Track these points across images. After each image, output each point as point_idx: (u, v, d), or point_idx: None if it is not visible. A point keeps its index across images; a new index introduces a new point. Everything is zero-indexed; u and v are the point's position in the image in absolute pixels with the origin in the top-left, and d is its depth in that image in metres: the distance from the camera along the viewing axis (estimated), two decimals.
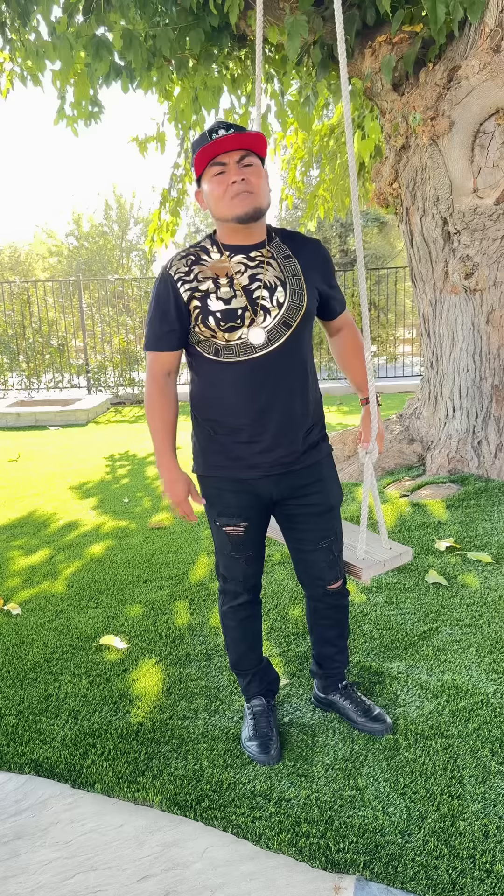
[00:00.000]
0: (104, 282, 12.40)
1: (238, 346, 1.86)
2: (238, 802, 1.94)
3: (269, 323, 1.86)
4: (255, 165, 1.83)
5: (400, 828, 1.82)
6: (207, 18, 4.86)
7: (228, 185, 1.79)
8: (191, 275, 1.88)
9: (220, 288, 1.86)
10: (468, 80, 3.88)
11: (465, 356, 4.44)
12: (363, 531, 2.19)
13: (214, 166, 1.81)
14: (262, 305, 1.86)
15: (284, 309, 1.87)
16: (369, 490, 2.18)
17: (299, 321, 1.90)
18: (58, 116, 5.62)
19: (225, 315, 1.84)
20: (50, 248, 27.68)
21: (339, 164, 7.57)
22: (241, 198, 1.79)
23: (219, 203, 1.82)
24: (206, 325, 1.85)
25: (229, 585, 2.15)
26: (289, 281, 1.89)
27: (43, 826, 1.92)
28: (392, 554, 2.18)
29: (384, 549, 2.22)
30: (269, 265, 1.89)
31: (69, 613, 3.15)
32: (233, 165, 1.80)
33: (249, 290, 1.86)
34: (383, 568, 2.16)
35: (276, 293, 1.87)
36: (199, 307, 1.86)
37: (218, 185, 1.81)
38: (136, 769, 2.10)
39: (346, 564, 2.16)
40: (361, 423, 2.18)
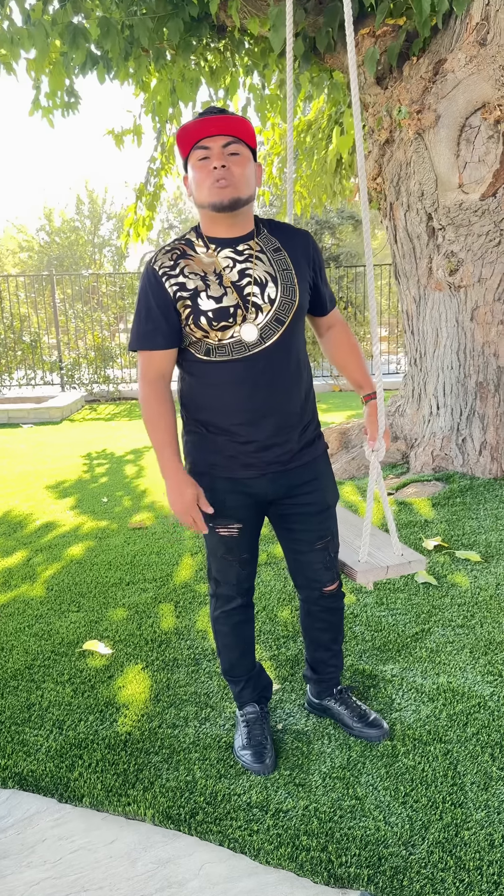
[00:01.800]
0: (78, 277, 12.22)
1: (231, 345, 1.78)
2: (234, 815, 1.87)
3: (261, 320, 1.79)
4: (243, 155, 1.75)
5: (403, 839, 1.76)
6: (187, 8, 4.76)
7: (210, 170, 1.72)
8: (176, 269, 1.79)
9: (210, 286, 1.77)
10: (454, 74, 3.84)
11: (449, 353, 4.41)
12: (367, 531, 2.11)
13: (198, 150, 1.73)
14: (254, 302, 1.78)
15: (276, 305, 1.80)
16: (373, 489, 2.10)
17: (292, 317, 1.83)
18: (33, 107, 5.47)
19: (217, 314, 1.76)
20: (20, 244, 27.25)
21: (315, 160, 7.51)
22: (219, 185, 1.71)
23: (200, 188, 1.75)
24: (198, 326, 1.77)
25: (222, 589, 2.07)
26: (279, 276, 1.82)
27: (29, 844, 1.82)
28: (402, 560, 2.08)
29: (395, 554, 2.12)
30: (258, 259, 1.81)
31: (49, 618, 3.05)
32: (217, 151, 1.72)
33: (240, 286, 1.78)
34: (387, 574, 2.07)
35: (268, 289, 1.80)
36: (190, 307, 1.77)
37: (200, 170, 1.73)
38: (126, 781, 2.01)
39: (343, 565, 2.09)
40: (367, 421, 2.11)
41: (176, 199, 27.10)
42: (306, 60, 4.80)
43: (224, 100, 6.05)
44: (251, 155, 1.78)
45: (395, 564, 2.06)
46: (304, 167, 7.78)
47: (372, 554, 2.12)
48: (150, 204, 7.11)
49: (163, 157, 7.11)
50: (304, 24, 4.55)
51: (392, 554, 2.12)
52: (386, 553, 2.13)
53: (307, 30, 4.63)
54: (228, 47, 5.51)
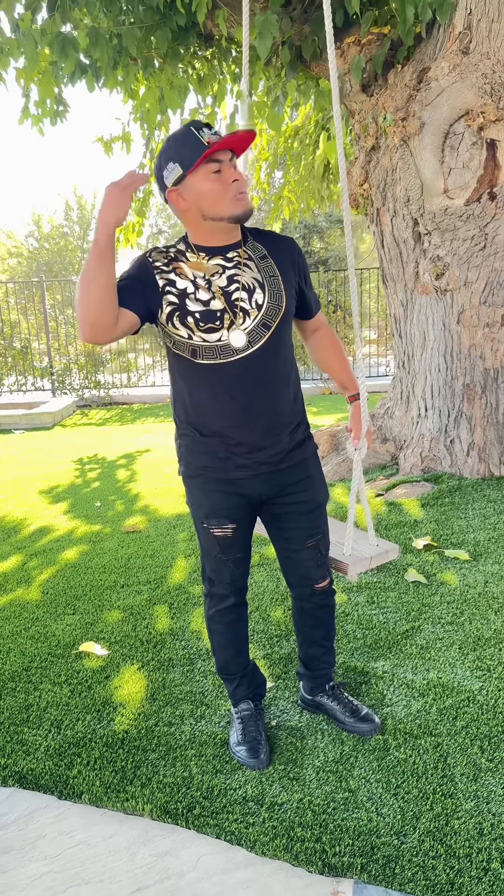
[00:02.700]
0: (68, 283, 12.25)
1: (218, 348, 1.83)
2: (230, 808, 1.91)
3: (248, 325, 1.84)
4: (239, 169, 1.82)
5: (395, 829, 1.81)
6: (174, 17, 4.82)
7: (229, 183, 1.76)
8: (169, 267, 1.84)
9: (199, 290, 1.82)
10: (438, 82, 3.91)
11: (436, 356, 4.48)
12: (350, 528, 2.19)
13: (211, 163, 1.75)
14: (241, 307, 1.84)
15: (264, 310, 1.85)
16: (357, 487, 2.18)
17: (279, 322, 1.88)
18: (22, 116, 5.52)
19: (203, 316, 1.81)
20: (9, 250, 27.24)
21: (303, 165, 7.59)
22: (240, 197, 1.78)
23: (216, 201, 1.76)
24: (184, 324, 1.81)
25: (216, 588, 2.12)
26: (266, 282, 1.87)
27: (30, 840, 1.87)
28: (379, 551, 2.19)
29: (371, 545, 2.22)
30: (246, 266, 1.86)
31: (46, 621, 3.09)
32: (227, 164, 1.78)
33: (228, 292, 1.83)
34: (370, 564, 2.16)
35: (255, 295, 1.85)
36: (176, 305, 1.81)
37: (216, 182, 1.75)
38: (124, 778, 2.05)
39: (332, 561, 2.16)
40: (351, 420, 2.17)
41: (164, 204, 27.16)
42: (293, 68, 4.86)
43: (212, 106, 6.11)
44: None
45: (375, 555, 2.17)
46: (293, 172, 7.85)
47: (353, 548, 2.21)
48: (139, 210, 7.16)
49: (152, 163, 7.16)
50: (291, 32, 4.62)
51: (369, 546, 2.22)
52: (364, 546, 2.23)
53: (293, 38, 4.70)
54: (216, 55, 5.58)
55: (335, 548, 2.22)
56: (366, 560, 2.16)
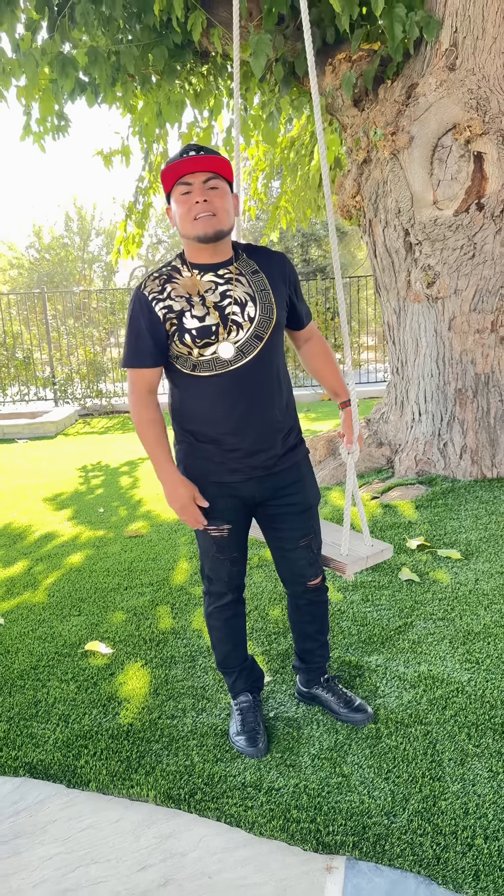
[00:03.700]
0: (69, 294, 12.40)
1: (213, 361, 1.95)
2: (230, 794, 2.02)
3: (241, 337, 1.96)
4: (221, 189, 1.92)
5: (385, 810, 1.92)
6: (171, 35, 4.97)
7: (192, 204, 1.89)
8: (164, 293, 1.96)
9: (194, 307, 1.95)
10: (426, 97, 4.05)
11: (429, 362, 4.60)
12: (346, 529, 2.29)
13: (181, 185, 1.90)
14: (234, 321, 1.95)
15: (256, 322, 1.97)
16: (351, 489, 2.28)
17: (270, 333, 2.00)
18: (24, 133, 5.66)
19: (200, 332, 1.93)
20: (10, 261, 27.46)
21: (300, 175, 7.73)
22: (203, 219, 1.89)
23: (183, 222, 1.92)
24: (183, 343, 1.94)
25: (214, 586, 2.23)
26: (258, 296, 1.99)
27: (41, 825, 1.97)
28: (374, 550, 2.29)
29: (366, 546, 2.33)
30: (238, 282, 1.98)
31: (52, 622, 3.20)
32: (198, 186, 1.89)
33: (221, 306, 1.95)
34: (366, 564, 2.27)
35: (247, 308, 1.97)
36: (176, 325, 1.94)
37: (183, 204, 1.91)
38: (129, 767, 2.16)
39: (330, 561, 2.26)
40: (343, 426, 2.28)
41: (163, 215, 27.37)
42: (286, 84, 5.00)
43: (209, 120, 6.26)
44: (229, 188, 1.96)
45: (370, 554, 2.27)
46: (289, 182, 7.99)
47: (350, 549, 2.31)
48: (139, 222, 7.30)
49: (150, 175, 7.31)
50: (284, 49, 4.76)
51: (364, 546, 2.32)
52: (359, 546, 2.33)
53: (287, 55, 4.84)
54: (211, 71, 5.73)
55: (333, 549, 2.32)
56: (362, 560, 2.26)
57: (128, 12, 4.92)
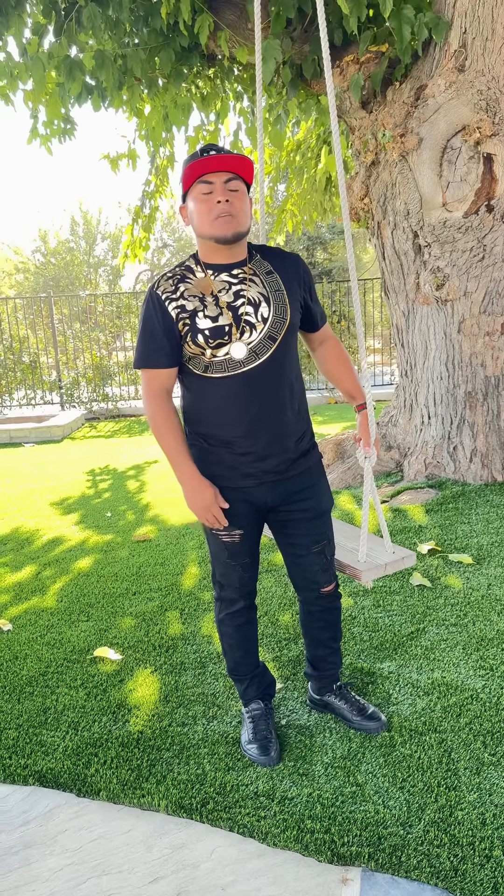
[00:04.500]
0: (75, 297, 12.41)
1: (226, 362, 1.92)
2: (242, 803, 1.99)
3: (254, 338, 1.93)
4: (241, 191, 1.90)
5: (401, 820, 1.89)
6: (177, 39, 4.96)
7: (213, 204, 1.87)
8: (177, 293, 1.94)
9: (207, 307, 1.92)
10: (435, 99, 4.02)
11: (438, 364, 4.57)
12: (364, 534, 2.26)
13: (201, 184, 1.87)
14: (248, 321, 1.93)
15: (269, 323, 1.94)
16: (369, 494, 2.25)
17: (284, 334, 1.97)
18: (31, 136, 5.66)
19: (213, 332, 1.91)
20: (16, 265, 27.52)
21: (306, 178, 7.71)
22: (223, 220, 1.86)
23: (202, 221, 1.89)
24: (196, 343, 1.91)
25: (226, 592, 2.21)
26: (272, 296, 1.97)
27: (51, 835, 1.95)
28: (395, 557, 2.25)
29: (387, 552, 2.28)
30: (251, 282, 1.96)
31: (60, 628, 3.18)
32: (219, 186, 1.86)
33: (234, 307, 1.93)
34: (385, 571, 2.22)
35: (261, 309, 1.95)
36: (188, 325, 1.92)
37: (203, 203, 1.88)
38: (140, 776, 2.13)
39: (347, 567, 2.23)
40: (359, 429, 2.25)
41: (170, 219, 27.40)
42: (294, 87, 4.99)
43: (215, 124, 6.25)
44: (247, 190, 1.94)
45: (391, 561, 2.22)
46: (295, 185, 7.98)
47: (368, 555, 2.27)
48: (146, 226, 7.29)
49: (157, 179, 7.30)
50: (291, 52, 4.75)
51: (385, 552, 2.28)
52: (380, 552, 2.28)
53: (294, 57, 4.83)
54: (218, 75, 5.72)
55: (350, 554, 2.29)
56: (381, 566, 2.21)
57: (134, 16, 4.91)
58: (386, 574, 2.28)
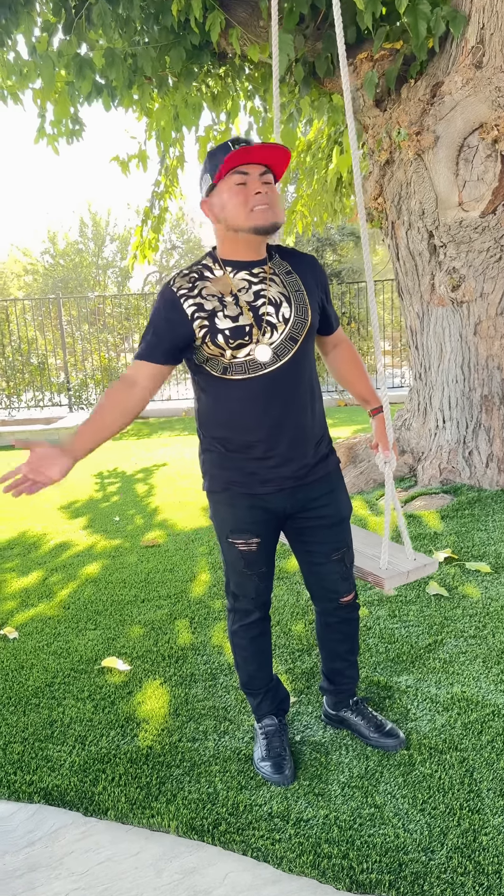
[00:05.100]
0: (84, 299, 12.37)
1: (246, 364, 1.85)
2: (256, 825, 1.91)
3: (276, 339, 1.86)
4: (272, 184, 1.83)
5: (422, 845, 1.80)
6: (188, 37, 4.89)
7: (251, 195, 1.79)
8: (194, 290, 1.86)
9: (227, 307, 1.84)
10: (451, 96, 3.94)
11: (453, 367, 4.47)
12: (386, 540, 2.19)
13: (236, 175, 1.79)
14: (269, 321, 1.85)
15: (290, 324, 1.87)
16: (391, 500, 2.17)
17: (305, 335, 1.90)
18: (38, 135, 5.61)
19: (233, 332, 1.83)
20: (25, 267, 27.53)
21: (316, 179, 7.63)
22: (262, 210, 1.79)
23: (238, 212, 1.80)
24: (216, 344, 1.83)
25: (240, 603, 2.13)
26: (292, 296, 1.89)
27: (57, 857, 1.87)
28: (417, 564, 2.18)
29: (409, 559, 2.21)
30: (272, 281, 1.89)
31: (68, 636, 3.10)
32: (255, 177, 1.79)
33: (255, 306, 1.85)
34: (407, 579, 2.15)
35: (282, 309, 1.87)
36: (207, 326, 1.84)
37: (238, 194, 1.79)
38: (149, 794, 2.05)
39: (368, 574, 2.15)
40: (376, 434, 2.18)
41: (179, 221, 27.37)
42: (306, 85, 4.91)
43: (226, 123, 6.18)
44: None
45: (413, 569, 2.14)
46: (305, 186, 7.90)
47: (389, 562, 2.20)
48: (155, 227, 7.22)
49: (166, 180, 7.24)
50: (304, 49, 4.67)
51: (406, 559, 2.20)
52: (400, 559, 2.21)
53: (306, 55, 4.75)
54: (229, 73, 5.64)
55: (370, 561, 2.21)
56: (403, 574, 2.14)
57: (145, 13, 4.85)
58: (408, 582, 2.20)
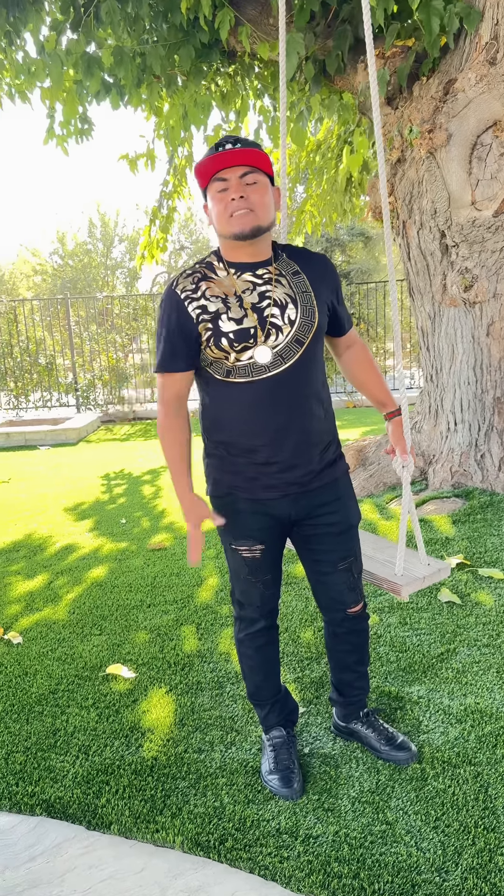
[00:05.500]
0: (92, 300, 12.34)
1: (250, 367, 1.79)
2: (263, 841, 1.85)
3: (280, 341, 1.80)
4: (260, 183, 1.77)
5: (436, 865, 1.74)
6: (197, 35, 4.84)
7: (228, 202, 1.74)
8: (198, 292, 1.81)
9: (231, 308, 1.79)
10: (465, 93, 3.87)
11: (465, 369, 4.40)
12: (401, 546, 2.13)
13: (217, 182, 1.76)
14: (273, 324, 1.80)
15: (296, 326, 1.81)
16: (407, 506, 2.12)
17: (311, 338, 1.84)
18: (47, 136, 5.56)
19: (237, 335, 1.78)
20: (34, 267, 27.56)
21: (325, 179, 7.56)
22: (239, 216, 1.74)
23: (220, 220, 1.78)
24: (220, 347, 1.78)
25: (246, 612, 2.07)
26: (299, 298, 1.84)
27: (59, 873, 1.82)
28: (431, 570, 2.12)
29: (423, 565, 2.15)
30: (278, 283, 1.83)
31: (72, 641, 3.05)
32: (235, 182, 1.74)
33: (260, 308, 1.80)
34: (423, 584, 2.10)
35: (287, 311, 1.81)
36: (211, 329, 1.78)
37: (219, 202, 1.77)
38: (154, 808, 2.00)
39: (384, 581, 2.09)
40: (392, 438, 2.11)
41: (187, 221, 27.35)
42: (316, 83, 4.85)
43: (235, 122, 6.12)
44: (269, 182, 1.80)
45: (428, 574, 2.09)
46: (314, 186, 7.84)
47: (405, 568, 2.14)
48: (164, 227, 7.18)
49: (175, 179, 7.19)
50: (315, 48, 4.61)
51: (420, 565, 2.15)
52: (414, 565, 2.16)
53: (317, 53, 4.69)
54: (238, 72, 5.59)
55: (384, 567, 2.16)
56: (419, 580, 2.09)
57: (154, 11, 4.80)
58: (424, 587, 2.14)
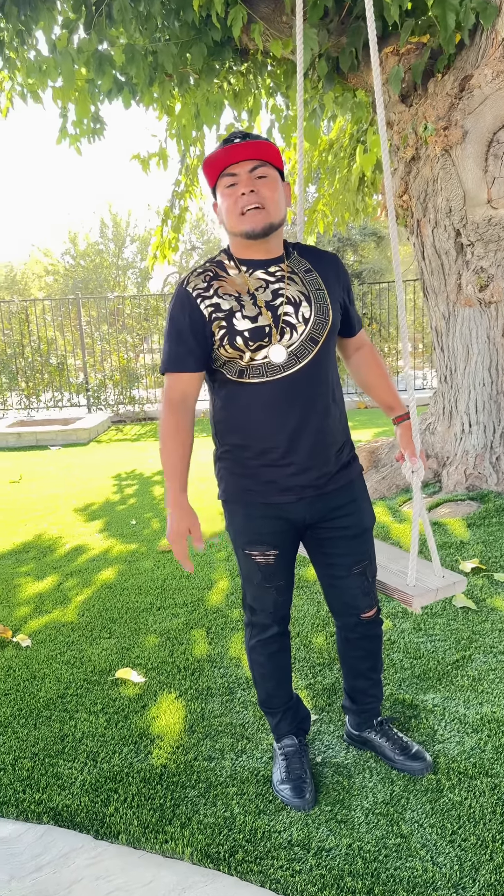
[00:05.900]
0: (103, 300, 12.33)
1: (264, 366, 1.75)
2: (275, 853, 1.80)
3: (295, 339, 1.76)
4: (270, 177, 1.73)
5: (453, 881, 1.69)
6: (210, 33, 4.80)
7: (238, 197, 1.70)
8: (210, 290, 1.77)
9: (245, 306, 1.75)
10: (481, 90, 3.81)
11: (480, 370, 4.34)
12: (414, 556, 2.06)
13: (226, 177, 1.72)
14: (288, 322, 1.75)
15: (311, 324, 1.77)
16: (419, 513, 2.05)
17: (326, 336, 1.80)
18: (60, 136, 5.54)
19: (252, 334, 1.73)
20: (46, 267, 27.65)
21: (338, 179, 7.51)
22: (250, 213, 1.70)
23: (230, 217, 1.74)
24: (234, 346, 1.73)
25: (258, 618, 2.03)
26: (312, 295, 1.79)
27: (65, 884, 1.78)
28: (446, 582, 2.05)
29: (437, 576, 2.08)
30: (290, 280, 1.79)
31: (81, 645, 3.02)
32: (244, 176, 1.70)
33: (274, 306, 1.76)
34: (436, 597, 2.03)
35: (301, 308, 1.77)
36: (225, 327, 1.74)
37: (228, 197, 1.72)
38: (163, 817, 1.96)
39: (395, 591, 2.04)
40: (401, 442, 2.06)
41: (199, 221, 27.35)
42: (329, 81, 4.80)
43: (247, 121, 6.08)
44: (279, 176, 1.76)
45: (442, 587, 2.02)
46: (327, 186, 7.78)
47: (417, 578, 2.08)
48: (175, 227, 7.15)
49: (186, 179, 7.16)
50: (328, 45, 4.56)
51: (433, 576, 2.08)
52: (428, 576, 2.09)
53: (330, 50, 4.64)
54: (251, 70, 5.55)
55: (395, 577, 2.10)
56: (432, 591, 2.02)
57: (166, 9, 4.77)
58: (437, 600, 2.08)
